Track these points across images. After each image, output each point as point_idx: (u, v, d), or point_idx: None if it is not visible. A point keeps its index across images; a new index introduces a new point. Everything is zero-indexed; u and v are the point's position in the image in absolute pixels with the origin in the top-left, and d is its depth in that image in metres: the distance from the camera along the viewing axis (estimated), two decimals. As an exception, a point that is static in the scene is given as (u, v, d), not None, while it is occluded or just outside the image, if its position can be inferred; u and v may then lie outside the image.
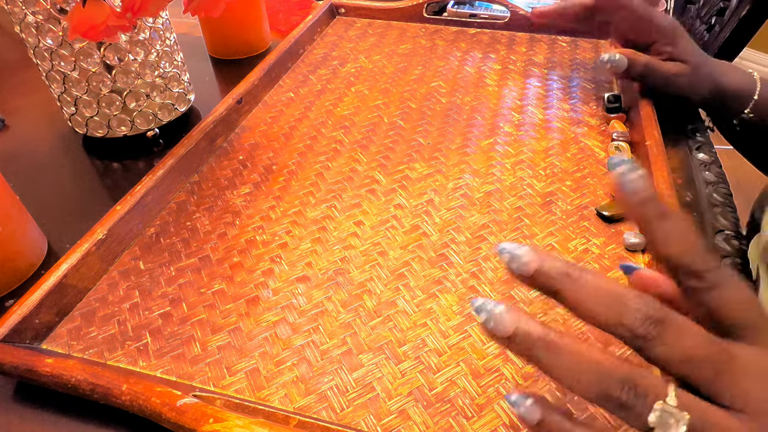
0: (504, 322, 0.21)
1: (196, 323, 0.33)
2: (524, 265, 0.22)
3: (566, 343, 0.20)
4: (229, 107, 0.49)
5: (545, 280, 0.22)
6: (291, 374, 0.30)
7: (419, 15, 0.68)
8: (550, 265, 0.22)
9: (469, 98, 0.53)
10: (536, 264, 0.21)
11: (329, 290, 0.35)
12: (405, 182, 0.43)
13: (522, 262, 0.22)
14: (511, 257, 0.22)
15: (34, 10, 0.41)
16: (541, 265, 0.21)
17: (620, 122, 0.48)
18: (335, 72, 0.59)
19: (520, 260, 0.22)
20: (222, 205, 0.41)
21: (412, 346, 0.31)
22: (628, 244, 0.36)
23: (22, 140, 0.52)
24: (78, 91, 0.45)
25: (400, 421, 0.28)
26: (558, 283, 0.21)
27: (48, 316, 0.32)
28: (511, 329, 0.21)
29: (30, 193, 0.43)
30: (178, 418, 0.26)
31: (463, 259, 0.36)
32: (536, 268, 0.21)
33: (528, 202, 0.41)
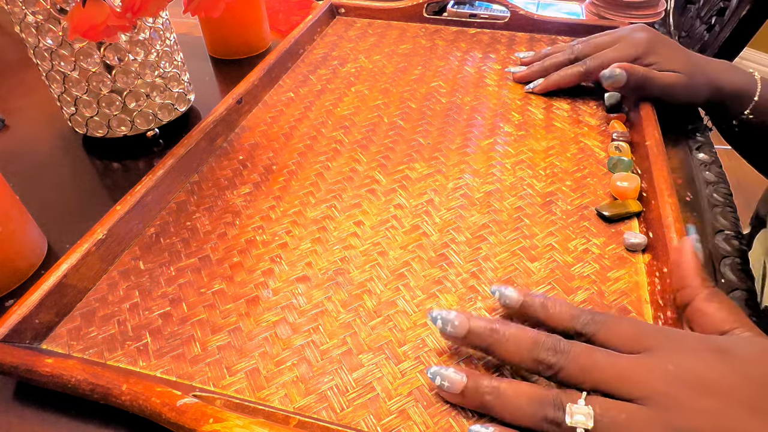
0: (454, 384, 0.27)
1: (196, 323, 0.33)
2: (456, 327, 0.28)
3: (507, 387, 0.26)
4: (229, 107, 0.49)
5: (476, 339, 0.27)
6: (291, 374, 0.30)
7: (419, 15, 0.68)
8: (477, 324, 0.27)
9: (469, 98, 0.53)
10: (467, 326, 0.27)
11: (329, 290, 0.35)
12: (405, 182, 0.43)
13: (455, 325, 0.28)
14: (444, 322, 0.28)
15: (34, 10, 0.41)
16: (470, 325, 0.27)
17: (620, 122, 0.48)
18: (335, 72, 0.59)
19: (453, 323, 0.28)
20: (222, 205, 0.41)
21: (412, 346, 0.31)
22: (628, 244, 0.36)
23: (22, 140, 0.52)
24: (78, 91, 0.45)
25: (400, 421, 0.28)
26: (487, 338, 0.27)
27: (48, 316, 0.32)
28: (460, 388, 0.26)
29: (30, 193, 0.43)
30: (178, 418, 0.26)
31: (463, 259, 0.36)
32: (468, 329, 0.27)
33: (528, 202, 0.41)
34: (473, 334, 0.27)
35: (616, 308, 0.33)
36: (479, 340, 0.27)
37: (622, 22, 0.63)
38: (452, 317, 0.28)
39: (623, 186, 0.40)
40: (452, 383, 0.26)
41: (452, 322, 0.28)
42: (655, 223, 0.36)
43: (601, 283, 0.34)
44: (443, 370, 0.27)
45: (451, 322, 0.28)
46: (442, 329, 0.28)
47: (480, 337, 0.27)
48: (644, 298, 0.33)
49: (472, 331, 0.27)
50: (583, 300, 0.33)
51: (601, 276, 0.35)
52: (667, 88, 0.46)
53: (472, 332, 0.27)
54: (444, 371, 0.27)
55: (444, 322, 0.28)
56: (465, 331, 0.27)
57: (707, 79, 0.46)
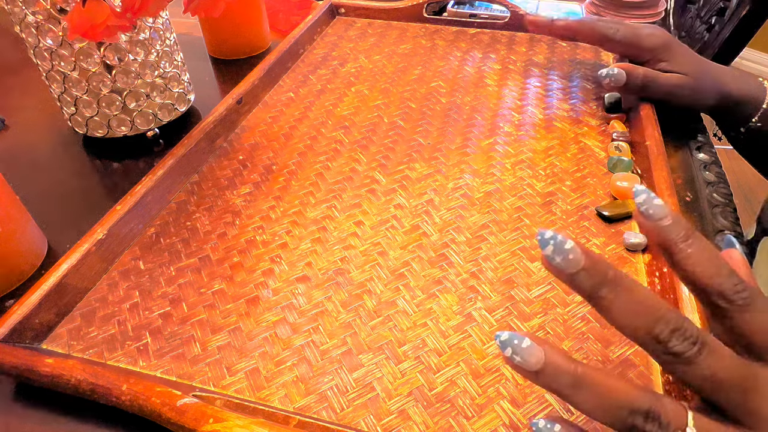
0: (530, 359, 0.21)
1: (196, 323, 0.33)
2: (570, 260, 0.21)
3: (592, 377, 0.20)
4: (229, 107, 0.49)
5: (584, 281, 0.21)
6: (291, 374, 0.30)
7: (419, 15, 0.68)
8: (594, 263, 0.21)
9: (469, 98, 0.53)
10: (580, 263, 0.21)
11: (329, 290, 0.35)
12: (405, 182, 0.43)
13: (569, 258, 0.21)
14: (555, 249, 0.21)
15: (34, 10, 0.41)
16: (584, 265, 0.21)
17: (620, 122, 0.48)
18: (335, 72, 0.59)
19: (566, 253, 0.21)
20: (222, 205, 0.41)
21: (412, 346, 0.31)
22: (628, 244, 0.36)
23: (22, 140, 0.52)
24: (78, 91, 0.45)
25: (400, 421, 0.28)
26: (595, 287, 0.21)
27: (48, 316, 0.32)
28: (538, 365, 0.21)
29: (30, 193, 0.43)
30: (178, 418, 0.26)
31: (463, 259, 0.36)
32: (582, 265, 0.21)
33: (528, 202, 0.41)
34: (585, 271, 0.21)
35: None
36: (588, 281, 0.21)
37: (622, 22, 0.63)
38: (568, 246, 0.21)
39: (623, 186, 0.40)
40: (526, 360, 0.21)
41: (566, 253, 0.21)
42: (655, 223, 0.36)
43: (601, 283, 0.34)
44: (516, 341, 0.21)
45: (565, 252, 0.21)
46: (551, 257, 0.21)
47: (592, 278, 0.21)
48: (644, 298, 0.33)
49: (586, 268, 0.21)
50: (583, 300, 0.33)
51: (601, 276, 0.35)
52: (673, 89, 0.46)
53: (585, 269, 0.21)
54: (518, 342, 0.21)
55: (556, 249, 0.21)
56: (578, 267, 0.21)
57: (715, 85, 0.46)
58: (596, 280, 0.21)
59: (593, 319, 0.32)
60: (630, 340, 0.21)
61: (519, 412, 0.28)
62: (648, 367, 0.30)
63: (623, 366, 0.30)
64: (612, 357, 0.30)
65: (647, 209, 0.22)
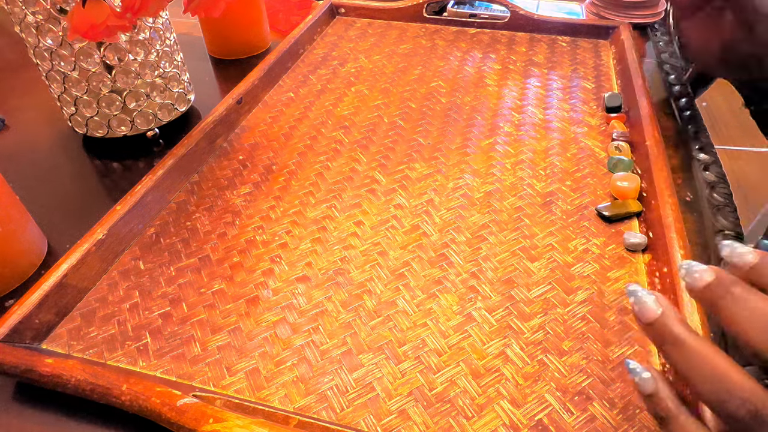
0: (646, 310, 0.23)
1: (196, 323, 0.33)
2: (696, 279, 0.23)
3: (699, 346, 0.21)
4: (229, 107, 0.49)
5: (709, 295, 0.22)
6: (291, 374, 0.30)
7: (419, 15, 0.68)
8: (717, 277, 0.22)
9: (469, 98, 0.53)
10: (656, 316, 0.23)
11: (329, 290, 0.35)
12: (405, 182, 0.43)
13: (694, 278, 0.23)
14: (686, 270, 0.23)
15: (34, 10, 0.41)
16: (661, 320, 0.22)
17: (620, 122, 0.48)
18: (335, 72, 0.59)
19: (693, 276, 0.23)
20: (222, 205, 0.41)
21: (412, 346, 0.31)
22: (628, 244, 0.36)
23: (22, 140, 0.52)
24: (78, 91, 0.45)
25: (400, 421, 0.28)
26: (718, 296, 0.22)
27: (48, 316, 0.32)
28: (651, 318, 0.22)
29: (30, 193, 0.43)
30: (178, 418, 0.26)
31: (463, 259, 0.36)
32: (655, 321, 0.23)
33: (528, 202, 0.41)
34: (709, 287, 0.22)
35: (617, 308, 0.33)
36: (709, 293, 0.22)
37: (622, 22, 0.63)
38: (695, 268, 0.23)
39: (623, 186, 0.40)
40: (643, 311, 0.23)
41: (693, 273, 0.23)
42: (655, 223, 0.36)
43: (601, 283, 0.34)
44: (641, 293, 0.23)
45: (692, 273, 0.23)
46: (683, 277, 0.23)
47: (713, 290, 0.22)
48: (644, 298, 0.33)
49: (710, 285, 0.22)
50: (583, 300, 0.33)
51: (601, 276, 0.35)
52: None
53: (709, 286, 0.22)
54: (641, 294, 0.23)
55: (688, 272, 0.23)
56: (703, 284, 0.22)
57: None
58: None
59: (593, 319, 0.32)
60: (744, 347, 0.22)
61: (519, 412, 0.28)
62: (648, 367, 0.29)
63: (623, 366, 0.30)
64: (612, 357, 0.30)
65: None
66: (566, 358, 0.30)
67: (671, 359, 0.22)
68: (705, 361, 0.21)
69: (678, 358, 0.22)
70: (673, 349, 0.22)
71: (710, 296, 0.22)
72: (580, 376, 0.29)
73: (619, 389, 0.29)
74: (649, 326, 0.23)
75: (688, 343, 0.21)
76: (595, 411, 0.28)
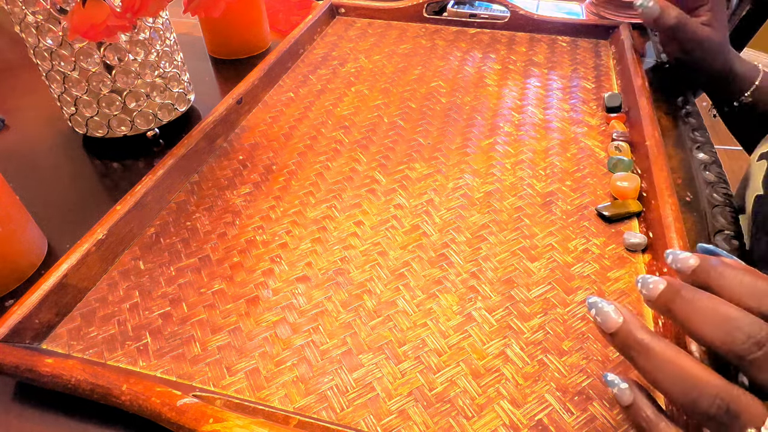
0: (608, 320, 0.23)
1: (196, 323, 0.33)
2: (651, 290, 0.24)
3: (663, 350, 0.22)
4: (229, 107, 0.49)
5: (661, 302, 0.23)
6: (291, 374, 0.30)
7: (419, 15, 0.68)
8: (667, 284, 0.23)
9: (469, 98, 0.53)
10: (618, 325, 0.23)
11: (329, 290, 0.35)
12: (405, 182, 0.43)
13: (649, 288, 0.24)
14: (642, 283, 0.24)
15: (34, 10, 0.41)
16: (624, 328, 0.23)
17: (620, 122, 0.48)
18: (335, 72, 0.59)
19: (648, 287, 0.24)
20: (222, 205, 0.41)
21: (412, 346, 0.31)
22: (628, 244, 0.36)
23: (22, 140, 0.52)
24: (78, 91, 0.45)
25: (400, 421, 0.28)
26: (671, 303, 0.23)
27: (48, 316, 0.32)
28: (613, 327, 0.23)
29: (30, 193, 0.43)
30: (178, 418, 0.26)
31: (463, 259, 0.36)
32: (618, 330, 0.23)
33: (528, 202, 0.41)
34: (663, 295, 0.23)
35: (616, 308, 0.33)
36: (663, 300, 0.23)
37: (622, 22, 0.63)
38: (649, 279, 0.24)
39: (623, 186, 0.40)
40: (605, 321, 0.23)
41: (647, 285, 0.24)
42: (655, 223, 0.36)
43: (601, 283, 0.34)
44: (601, 304, 0.24)
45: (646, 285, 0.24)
46: (640, 290, 0.24)
47: (665, 297, 0.23)
48: (644, 298, 0.33)
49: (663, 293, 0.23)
50: (583, 300, 0.33)
51: (601, 276, 0.35)
52: (701, 41, 0.48)
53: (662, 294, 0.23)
54: (601, 305, 0.24)
55: (643, 285, 0.24)
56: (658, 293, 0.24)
57: (727, 55, 0.49)
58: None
59: (593, 319, 0.32)
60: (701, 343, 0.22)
61: (519, 412, 0.28)
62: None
63: (623, 366, 0.30)
64: (612, 357, 0.30)
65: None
66: (566, 358, 0.30)
67: (638, 366, 0.22)
68: (671, 364, 0.21)
69: (644, 364, 0.22)
70: (638, 355, 0.22)
71: (664, 303, 0.23)
72: (580, 376, 0.29)
73: (619, 389, 0.29)
74: (612, 336, 0.23)
75: (652, 347, 0.22)
76: (595, 411, 0.28)
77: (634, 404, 0.23)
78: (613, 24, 0.62)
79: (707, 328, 0.21)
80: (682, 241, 0.33)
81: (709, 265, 0.24)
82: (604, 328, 0.23)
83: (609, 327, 0.23)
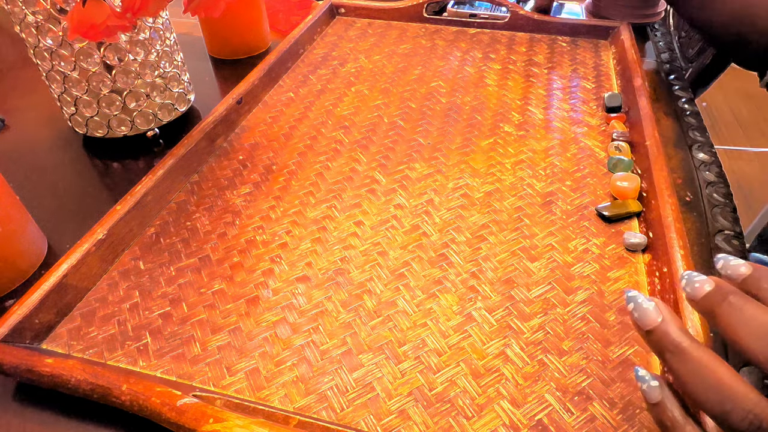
0: (646, 317, 0.23)
1: (196, 323, 0.33)
2: (696, 289, 0.23)
3: (701, 355, 0.21)
4: (229, 107, 0.49)
5: (707, 303, 0.22)
6: (291, 374, 0.30)
7: (419, 15, 0.68)
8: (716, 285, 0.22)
9: (469, 98, 0.53)
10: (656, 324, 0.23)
11: (329, 290, 0.35)
12: (405, 182, 0.43)
13: (694, 288, 0.23)
14: (687, 280, 0.23)
15: (34, 10, 0.41)
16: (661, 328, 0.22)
17: (620, 122, 0.48)
18: (335, 72, 0.59)
19: (693, 286, 0.23)
20: (222, 205, 0.41)
21: (412, 346, 0.31)
22: (628, 244, 0.36)
23: (22, 140, 0.52)
24: (78, 91, 0.45)
25: (400, 421, 0.28)
26: (717, 307, 0.22)
27: (48, 316, 0.32)
28: (651, 325, 0.22)
29: (30, 193, 0.43)
30: (178, 418, 0.26)
31: (463, 259, 0.36)
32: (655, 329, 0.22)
33: (528, 202, 0.41)
34: (708, 296, 0.22)
35: (617, 308, 0.33)
36: (708, 302, 0.22)
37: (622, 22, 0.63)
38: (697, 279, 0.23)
39: (623, 186, 0.40)
40: (643, 317, 0.23)
41: (693, 283, 0.23)
42: (655, 223, 0.36)
43: (601, 283, 0.34)
44: (640, 299, 0.23)
45: (692, 283, 0.23)
46: (684, 287, 0.24)
47: (711, 299, 0.22)
48: (644, 298, 0.33)
49: (708, 294, 0.22)
50: (583, 300, 0.33)
51: (601, 276, 0.35)
52: None
53: (708, 295, 0.23)
54: (641, 301, 0.23)
55: (688, 282, 0.23)
56: (703, 293, 0.23)
57: None
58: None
59: (593, 319, 0.32)
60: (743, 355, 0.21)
61: (519, 412, 0.28)
62: (648, 367, 0.30)
63: (623, 366, 0.30)
64: (612, 357, 0.30)
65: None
66: (566, 358, 0.30)
67: (672, 367, 0.22)
68: (708, 371, 0.21)
69: (679, 367, 0.21)
70: (673, 357, 0.22)
71: (709, 305, 0.22)
72: (580, 376, 0.29)
73: (619, 389, 0.29)
74: (649, 334, 0.23)
75: (689, 351, 0.21)
76: (595, 411, 0.28)
77: (661, 403, 0.23)
78: (613, 24, 0.62)
79: (752, 340, 0.21)
80: (682, 241, 0.33)
81: (763, 275, 0.22)
82: (641, 324, 0.23)
83: (647, 324, 0.23)
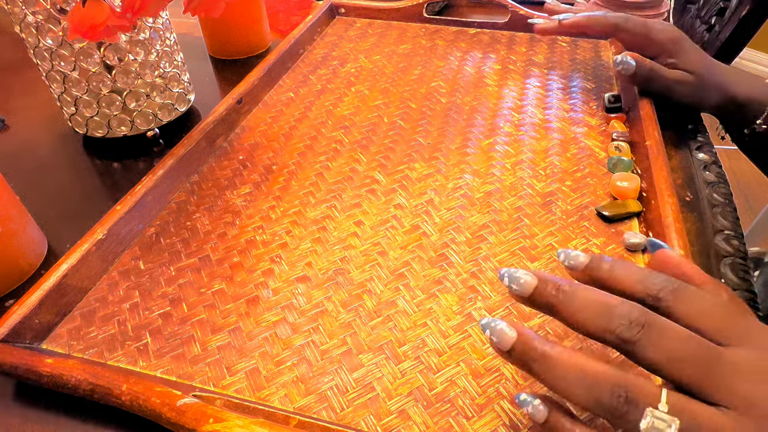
0: (504, 336, 0.23)
1: (196, 323, 0.33)
2: (522, 285, 0.24)
3: (560, 354, 0.22)
4: (229, 107, 0.49)
5: (540, 298, 0.24)
6: (291, 374, 0.30)
7: (419, 15, 0.68)
8: (543, 282, 0.24)
9: (469, 98, 0.53)
10: (534, 284, 0.24)
11: (329, 290, 0.35)
12: (405, 182, 0.43)
13: (521, 283, 0.24)
14: (510, 279, 0.24)
15: (34, 10, 0.41)
16: (538, 284, 0.24)
17: (620, 122, 0.48)
18: (335, 72, 0.59)
19: (519, 282, 0.24)
20: (222, 205, 0.41)
21: (412, 346, 0.31)
22: (628, 244, 0.36)
23: (22, 140, 0.52)
24: (78, 91, 0.45)
25: (400, 421, 0.28)
26: (552, 298, 0.23)
27: (48, 316, 0.32)
28: (509, 343, 0.23)
29: (30, 193, 0.43)
30: (178, 418, 0.26)
31: (463, 259, 0.36)
32: (534, 288, 0.24)
33: (528, 202, 0.41)
34: (538, 292, 0.24)
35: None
36: (543, 298, 0.24)
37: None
38: (519, 275, 0.24)
39: (623, 186, 0.40)
40: (500, 337, 0.23)
41: (518, 280, 0.24)
42: (655, 223, 0.36)
43: (601, 283, 0.34)
44: (493, 323, 0.24)
45: (517, 280, 0.24)
46: (509, 287, 0.25)
47: (544, 296, 0.24)
48: (644, 298, 0.33)
49: (538, 289, 0.24)
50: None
51: (601, 276, 0.35)
52: (675, 85, 0.46)
53: (537, 290, 0.24)
54: (494, 324, 0.24)
55: (510, 280, 0.24)
56: (530, 291, 0.24)
57: (720, 86, 0.46)
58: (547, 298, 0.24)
59: (593, 319, 0.32)
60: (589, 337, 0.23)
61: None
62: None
63: (623, 366, 0.30)
64: (612, 357, 0.30)
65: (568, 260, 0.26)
66: (566, 358, 0.30)
67: (541, 377, 0.22)
68: (569, 367, 0.21)
69: (546, 373, 0.22)
70: (540, 366, 0.22)
71: (543, 298, 0.23)
72: (580, 376, 0.29)
73: (619, 389, 0.29)
74: (510, 352, 0.23)
75: (552, 355, 0.22)
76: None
77: (551, 418, 0.23)
78: (613, 24, 0.62)
79: (589, 318, 0.22)
80: (681, 241, 0.33)
81: (600, 261, 0.25)
82: (501, 347, 0.23)
83: (506, 343, 0.23)
